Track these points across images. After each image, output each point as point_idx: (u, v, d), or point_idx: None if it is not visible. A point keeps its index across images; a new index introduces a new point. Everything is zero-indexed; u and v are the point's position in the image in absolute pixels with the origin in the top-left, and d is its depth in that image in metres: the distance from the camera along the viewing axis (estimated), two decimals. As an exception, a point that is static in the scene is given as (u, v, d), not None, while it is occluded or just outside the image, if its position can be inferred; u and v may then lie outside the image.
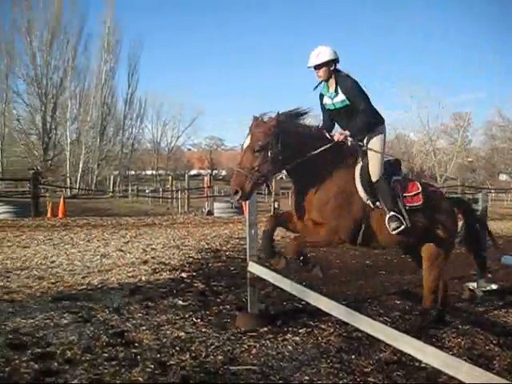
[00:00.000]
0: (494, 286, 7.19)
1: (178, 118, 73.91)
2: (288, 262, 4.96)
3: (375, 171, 5.02)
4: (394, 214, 4.92)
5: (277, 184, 19.16)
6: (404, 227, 4.91)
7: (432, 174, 55.56)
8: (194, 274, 8.08)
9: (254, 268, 5.45)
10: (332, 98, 5.20)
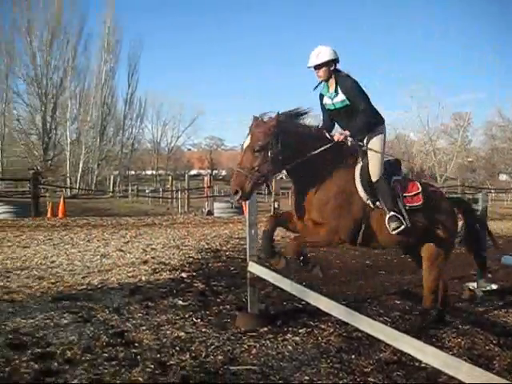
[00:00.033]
0: (494, 286, 7.19)
1: (178, 117, 74.02)
2: (288, 262, 4.96)
3: (375, 171, 5.02)
4: (394, 214, 4.91)
5: (277, 184, 19.16)
6: (404, 227, 4.91)
7: (432, 174, 55.57)
8: (194, 273, 8.08)
9: (254, 268, 5.45)
10: (332, 98, 5.20)
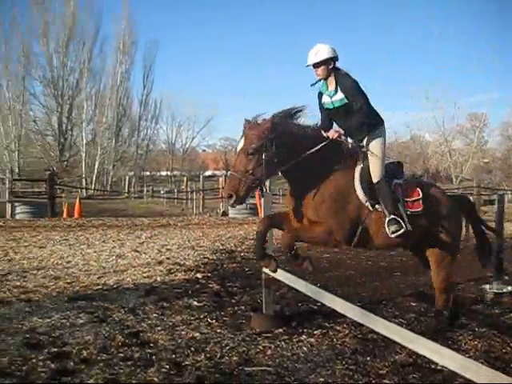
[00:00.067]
0: (510, 288, 7.13)
1: (193, 119, 73.98)
2: (278, 265, 4.94)
3: (376, 172, 4.95)
4: (394, 217, 4.85)
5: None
6: (404, 231, 4.84)
7: (447, 175, 55.29)
8: (209, 274, 8.10)
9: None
10: (331, 96, 5.13)
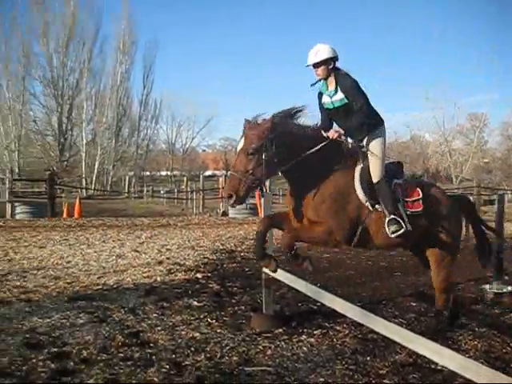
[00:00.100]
0: (510, 288, 7.13)
1: (193, 119, 73.97)
2: (278, 265, 4.94)
3: (376, 172, 4.95)
4: (394, 217, 4.85)
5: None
6: (404, 231, 4.83)
7: (448, 175, 55.29)
8: (209, 274, 8.10)
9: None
10: (331, 96, 5.12)
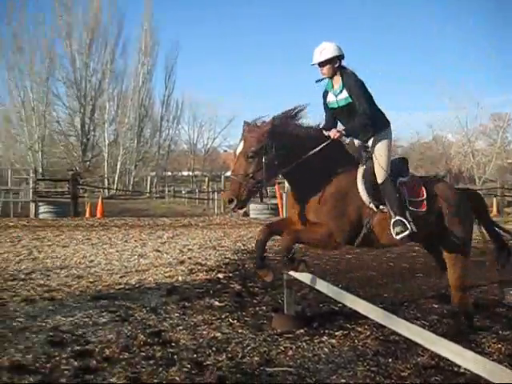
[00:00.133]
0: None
1: (215, 119, 73.97)
2: (275, 276, 4.92)
3: (381, 173, 4.91)
4: (400, 218, 4.81)
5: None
6: (409, 232, 4.80)
7: (470, 176, 54.61)
8: (231, 274, 8.12)
9: (291, 269, 5.44)
10: (336, 95, 5.09)
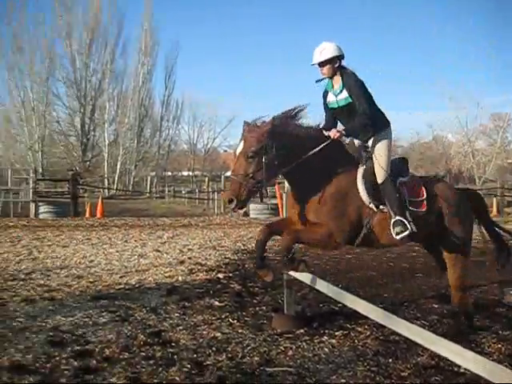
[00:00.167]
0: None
1: (214, 119, 74.00)
2: (275, 276, 4.92)
3: (381, 173, 4.92)
4: (400, 218, 4.81)
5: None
6: (409, 232, 4.81)
7: (470, 176, 54.60)
8: (231, 274, 8.13)
9: (291, 269, 5.44)
10: (336, 95, 5.09)
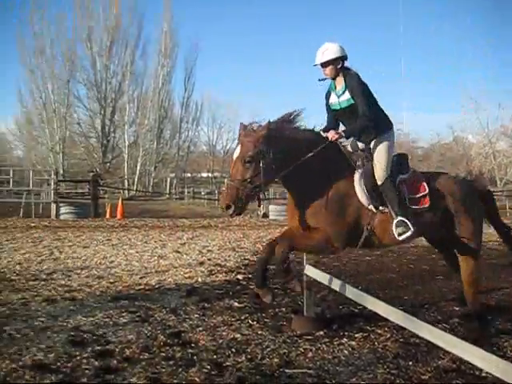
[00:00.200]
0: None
1: (234, 120, 74.24)
2: (274, 298, 4.87)
3: (380, 174, 4.88)
4: (402, 218, 4.77)
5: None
6: (411, 233, 4.77)
7: (491, 177, 54.03)
8: (250, 276, 8.10)
9: (311, 271, 5.44)
10: (338, 96, 5.06)
